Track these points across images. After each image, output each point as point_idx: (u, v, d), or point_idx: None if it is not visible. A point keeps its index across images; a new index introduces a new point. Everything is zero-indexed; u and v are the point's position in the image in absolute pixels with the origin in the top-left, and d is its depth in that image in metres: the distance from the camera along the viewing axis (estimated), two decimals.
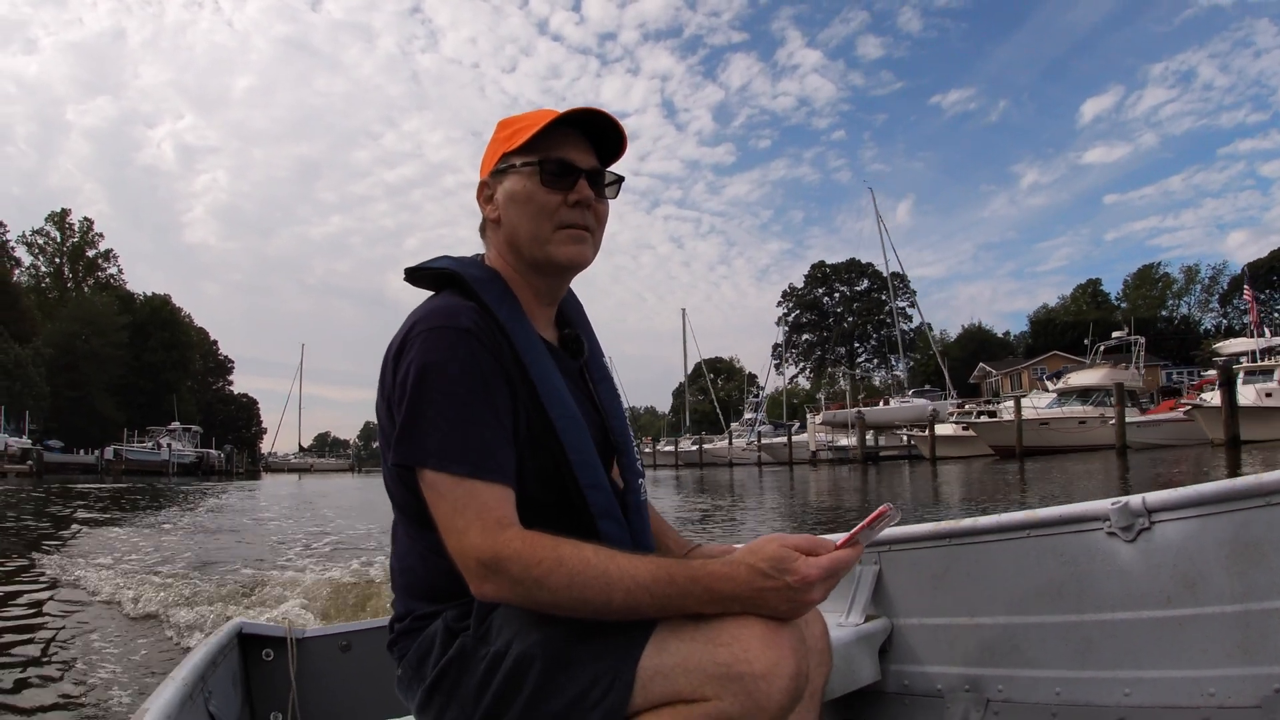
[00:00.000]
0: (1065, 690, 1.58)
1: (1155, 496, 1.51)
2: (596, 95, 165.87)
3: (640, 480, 1.24)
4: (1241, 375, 26.04)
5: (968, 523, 1.75)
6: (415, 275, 1.19)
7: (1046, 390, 35.67)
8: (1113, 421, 26.32)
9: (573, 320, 1.29)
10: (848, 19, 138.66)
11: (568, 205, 1.14)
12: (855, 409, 39.25)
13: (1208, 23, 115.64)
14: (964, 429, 32.21)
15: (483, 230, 1.23)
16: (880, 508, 0.97)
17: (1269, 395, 24.78)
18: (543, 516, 1.03)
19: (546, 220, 1.14)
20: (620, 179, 1.21)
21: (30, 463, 36.70)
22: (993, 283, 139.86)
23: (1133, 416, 27.49)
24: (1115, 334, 36.35)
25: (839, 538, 0.99)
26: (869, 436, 37.51)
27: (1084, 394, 31.50)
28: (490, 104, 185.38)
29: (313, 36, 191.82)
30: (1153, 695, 1.48)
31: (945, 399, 39.89)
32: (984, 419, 31.92)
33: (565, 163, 1.13)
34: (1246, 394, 24.76)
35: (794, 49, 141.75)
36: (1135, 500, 1.52)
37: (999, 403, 35.26)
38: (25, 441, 39.42)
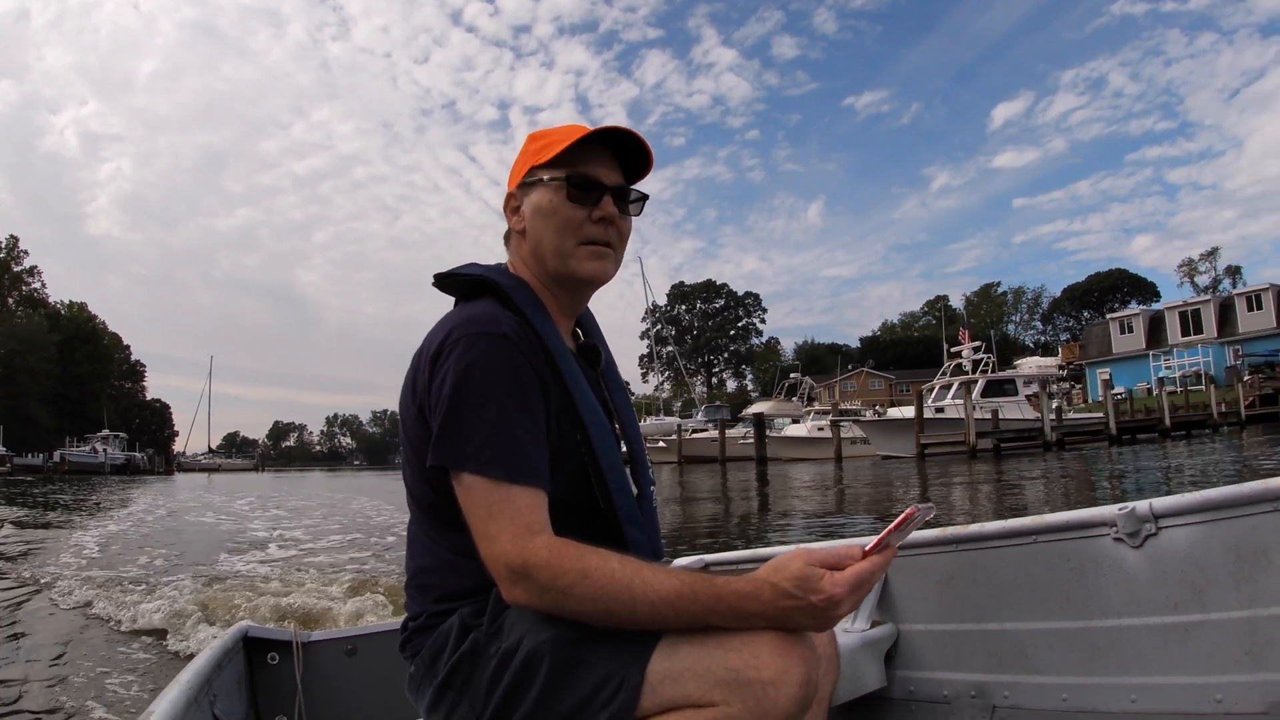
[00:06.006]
0: (1072, 696, 1.56)
1: (1162, 502, 1.49)
2: (510, 89, 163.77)
3: (651, 487, 1.25)
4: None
5: (974, 528, 1.73)
6: (444, 281, 1.20)
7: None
8: (750, 440, 38.89)
9: (589, 330, 1.32)
10: (764, 18, 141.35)
11: (591, 221, 1.16)
12: None
13: (1119, 31, 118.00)
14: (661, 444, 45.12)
15: (506, 239, 1.26)
16: (908, 509, 0.95)
17: (820, 429, 38.27)
18: (570, 520, 1.05)
19: (571, 235, 1.16)
20: (644, 197, 1.22)
21: (8, 466, 47.75)
22: (903, 283, 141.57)
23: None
24: (792, 374, 51.45)
25: (868, 542, 0.98)
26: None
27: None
28: (402, 95, 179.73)
29: (220, 20, 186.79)
30: (1160, 701, 1.46)
31: (695, 416, 54.76)
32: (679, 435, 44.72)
33: (591, 179, 1.15)
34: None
35: (709, 47, 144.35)
36: (1142, 506, 1.51)
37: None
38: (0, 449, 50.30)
